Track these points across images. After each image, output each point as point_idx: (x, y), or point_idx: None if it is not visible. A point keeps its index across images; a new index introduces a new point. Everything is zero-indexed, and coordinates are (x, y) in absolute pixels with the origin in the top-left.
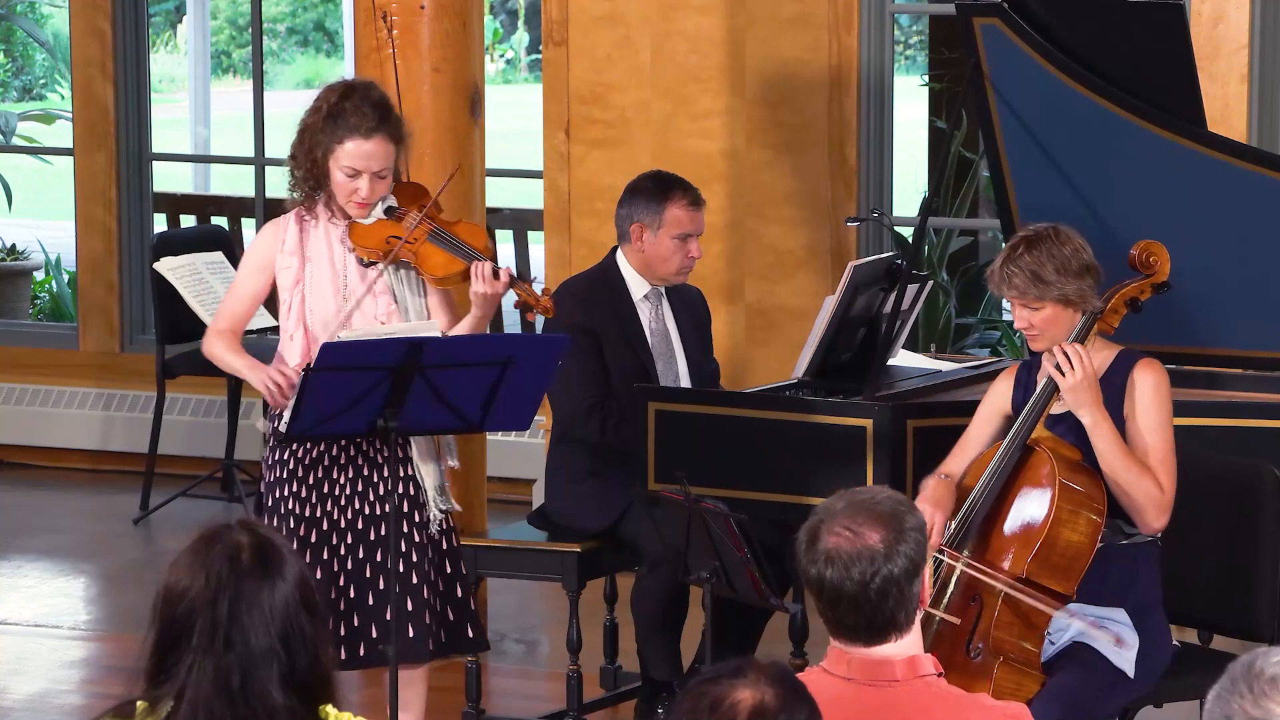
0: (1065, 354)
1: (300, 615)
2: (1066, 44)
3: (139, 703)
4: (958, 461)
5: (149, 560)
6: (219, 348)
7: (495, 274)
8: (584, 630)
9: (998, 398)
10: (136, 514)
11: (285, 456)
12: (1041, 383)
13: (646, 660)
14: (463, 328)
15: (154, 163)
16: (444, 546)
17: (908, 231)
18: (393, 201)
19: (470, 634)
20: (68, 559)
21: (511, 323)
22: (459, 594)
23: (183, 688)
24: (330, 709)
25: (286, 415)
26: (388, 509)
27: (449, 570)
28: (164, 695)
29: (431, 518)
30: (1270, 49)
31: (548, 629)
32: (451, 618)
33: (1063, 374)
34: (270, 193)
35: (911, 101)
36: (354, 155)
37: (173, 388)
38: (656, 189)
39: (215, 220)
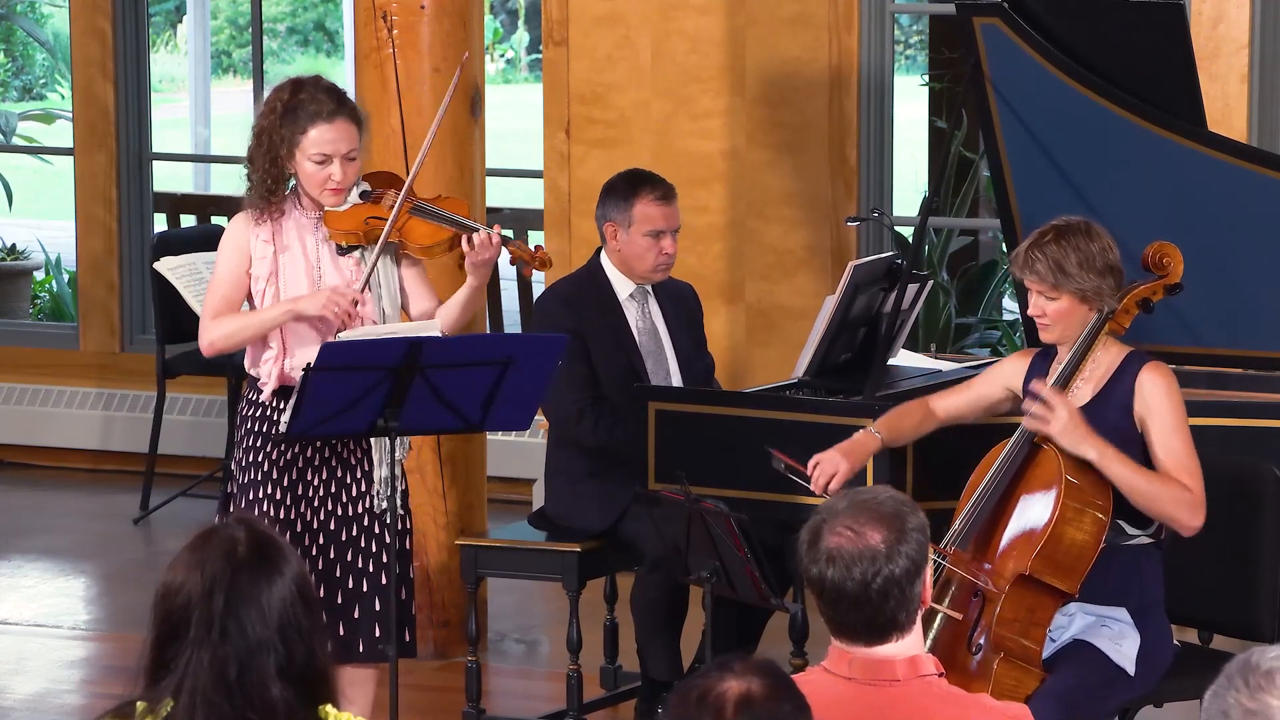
0: (1039, 404)
1: (297, 609)
2: (1066, 44)
3: (139, 703)
4: (945, 402)
5: (149, 560)
6: (233, 321)
7: (489, 238)
8: (584, 630)
9: (1009, 370)
10: (136, 514)
11: (260, 459)
12: (1053, 378)
13: (646, 660)
14: (459, 298)
15: (154, 163)
16: (401, 547)
17: (908, 231)
18: (366, 187)
19: (407, 638)
20: (68, 559)
21: (512, 323)
22: (402, 597)
23: (181, 681)
24: (330, 709)
25: (286, 415)
26: (361, 510)
27: (398, 571)
28: (163, 694)
29: (375, 505)
30: (1270, 49)
31: (548, 629)
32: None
33: (1047, 423)
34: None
35: (911, 101)
36: (320, 141)
37: (173, 388)
38: (626, 186)
39: (215, 220)
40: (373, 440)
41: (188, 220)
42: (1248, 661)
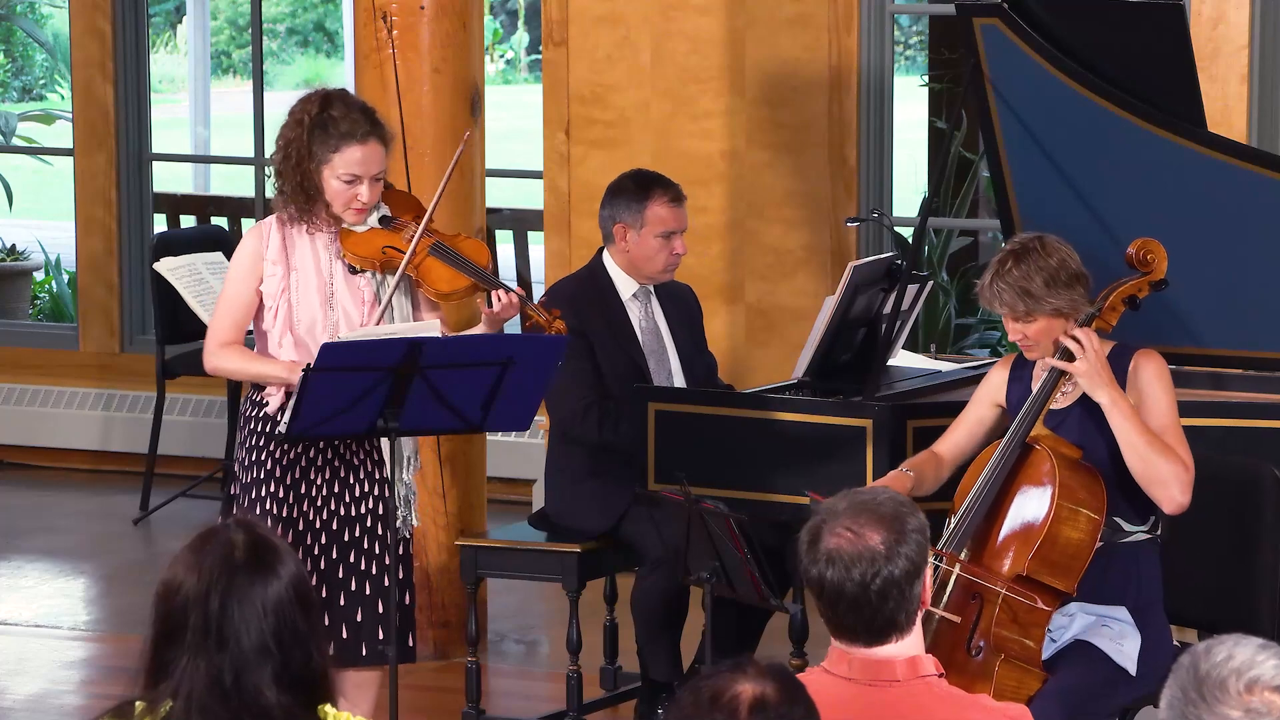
0: (1074, 338)
1: (295, 611)
2: (1066, 44)
3: (138, 703)
4: (947, 443)
5: (149, 560)
6: (235, 360)
7: (510, 302)
8: (584, 630)
9: (992, 386)
10: (136, 514)
11: (263, 458)
12: (1040, 380)
13: (646, 661)
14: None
15: (154, 163)
16: (399, 553)
17: (908, 231)
18: (385, 210)
19: (410, 643)
20: (68, 559)
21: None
22: (406, 601)
23: (178, 686)
24: (329, 709)
25: (286, 416)
26: (364, 510)
27: (400, 576)
28: (162, 695)
29: (399, 528)
30: (1270, 49)
31: (548, 629)
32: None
33: (1073, 360)
34: (270, 193)
35: (911, 101)
36: (350, 162)
37: (173, 388)
38: (637, 188)
39: (215, 220)
40: (386, 459)
41: (188, 221)
42: (1195, 671)
